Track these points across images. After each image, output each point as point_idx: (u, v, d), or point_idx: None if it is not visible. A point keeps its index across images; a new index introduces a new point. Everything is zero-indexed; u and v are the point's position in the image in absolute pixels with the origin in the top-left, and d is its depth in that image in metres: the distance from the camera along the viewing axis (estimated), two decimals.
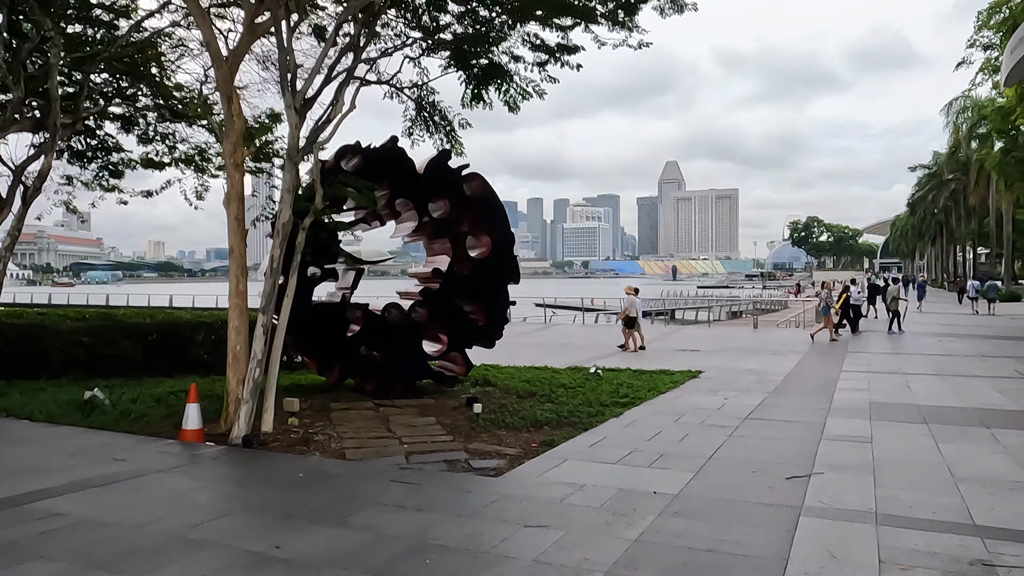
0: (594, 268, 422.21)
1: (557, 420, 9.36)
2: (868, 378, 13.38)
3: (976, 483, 6.21)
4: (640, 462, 7.09)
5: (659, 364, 15.49)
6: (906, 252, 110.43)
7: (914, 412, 9.73)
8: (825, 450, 7.50)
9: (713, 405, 10.42)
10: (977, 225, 57.63)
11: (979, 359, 16.56)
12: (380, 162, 11.17)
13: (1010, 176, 31.02)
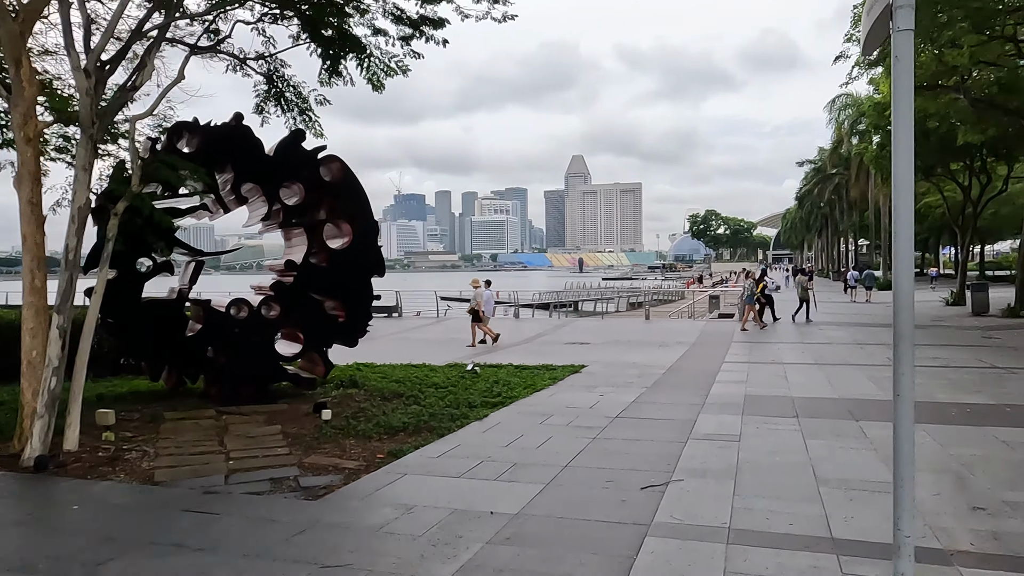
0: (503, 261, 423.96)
1: (416, 425, 8.52)
2: (748, 369, 13.20)
3: (839, 486, 5.79)
4: (488, 474, 6.33)
5: (545, 358, 14.90)
6: (796, 244, 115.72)
7: (787, 405, 9.44)
8: (690, 452, 6.97)
9: (586, 403, 9.83)
10: (859, 217, 60.57)
11: (856, 347, 16.83)
12: (222, 142, 9.99)
13: (886, 170, 32.24)
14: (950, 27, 17.51)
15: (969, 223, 30.70)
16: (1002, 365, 13.22)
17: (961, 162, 30.39)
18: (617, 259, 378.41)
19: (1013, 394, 10.14)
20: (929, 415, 8.74)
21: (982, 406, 9.27)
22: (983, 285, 25.23)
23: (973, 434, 7.65)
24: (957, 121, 26.52)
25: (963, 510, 5.18)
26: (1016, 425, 8.06)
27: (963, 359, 14.11)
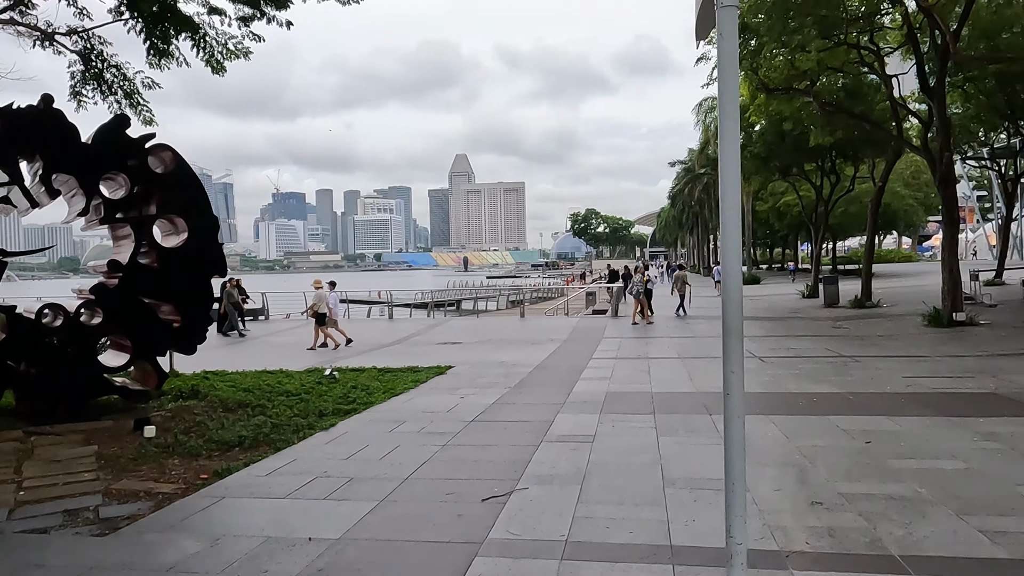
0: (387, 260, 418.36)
1: (253, 439, 7.78)
2: (613, 365, 13.19)
3: (685, 486, 5.61)
4: (318, 492, 5.74)
5: (413, 360, 14.34)
6: (670, 241, 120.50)
7: (645, 401, 9.36)
8: (541, 456, 6.66)
9: (445, 406, 9.38)
10: None
11: (718, 340, 17.26)
12: (28, 127, 8.81)
13: (747, 170, 33.89)
14: (799, 32, 18.34)
15: (821, 220, 32.65)
16: (848, 353, 13.88)
17: (814, 163, 32.27)
18: (502, 257, 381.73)
19: (856, 382, 10.55)
20: (779, 406, 8.88)
21: (828, 395, 9.54)
22: (833, 278, 26.83)
23: (818, 424, 7.78)
24: (809, 124, 28.09)
25: (802, 506, 5.11)
26: (857, 413, 8.28)
27: (814, 349, 14.74)
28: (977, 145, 31.55)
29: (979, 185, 72.92)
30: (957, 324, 17.71)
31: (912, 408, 8.47)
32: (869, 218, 25.58)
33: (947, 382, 10.30)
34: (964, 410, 8.28)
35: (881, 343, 15.64)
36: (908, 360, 12.82)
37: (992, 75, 24.75)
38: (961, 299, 18.11)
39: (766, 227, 64.49)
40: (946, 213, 18.44)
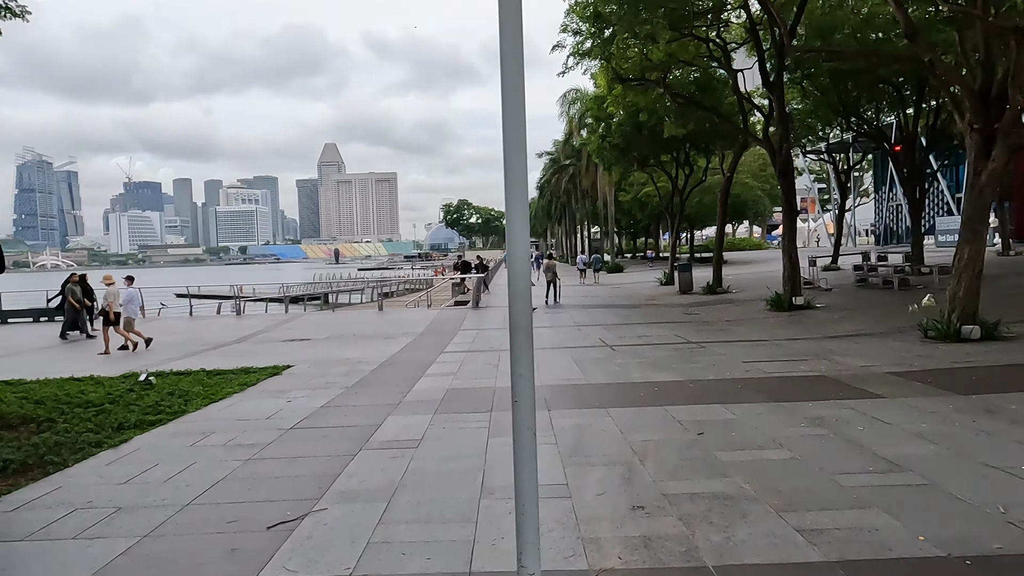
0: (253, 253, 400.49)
1: (23, 463, 6.58)
2: (463, 359, 12.66)
3: (504, 495, 5.11)
4: (69, 530, 4.77)
5: (251, 360, 13.18)
6: (541, 232, 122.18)
7: (486, 398, 8.86)
8: (354, 468, 5.96)
9: (266, 412, 8.46)
10: (591, 206, 64.94)
11: (573, 329, 17.20)
12: None
13: (607, 160, 34.53)
14: (649, 23, 18.51)
15: (677, 210, 33.75)
16: (695, 340, 14.07)
17: (670, 154, 33.26)
18: (375, 249, 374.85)
19: (698, 369, 10.55)
20: (621, 397, 8.64)
21: (670, 384, 9.43)
22: (687, 266, 27.73)
23: (655, 416, 7.54)
24: (664, 116, 28.78)
25: (623, 512, 4.72)
26: (695, 402, 8.15)
27: (663, 336, 14.87)
28: (815, 139, 33.61)
29: (819, 178, 78.71)
30: (796, 308, 18.55)
31: (747, 394, 8.46)
32: (718, 208, 26.55)
33: (782, 366, 10.49)
34: (795, 394, 8.34)
35: (727, 328, 16.05)
36: (749, 345, 13.11)
37: (827, 72, 26.26)
38: (800, 284, 19.00)
39: (630, 217, 66.41)
40: (785, 203, 19.27)
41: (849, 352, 11.53)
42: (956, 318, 12.01)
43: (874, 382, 8.87)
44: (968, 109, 12.09)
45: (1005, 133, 11.67)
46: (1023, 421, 6.58)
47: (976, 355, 10.46)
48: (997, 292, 18.65)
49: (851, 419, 6.99)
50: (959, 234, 12.43)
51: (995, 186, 12.02)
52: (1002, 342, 11.45)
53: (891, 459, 5.58)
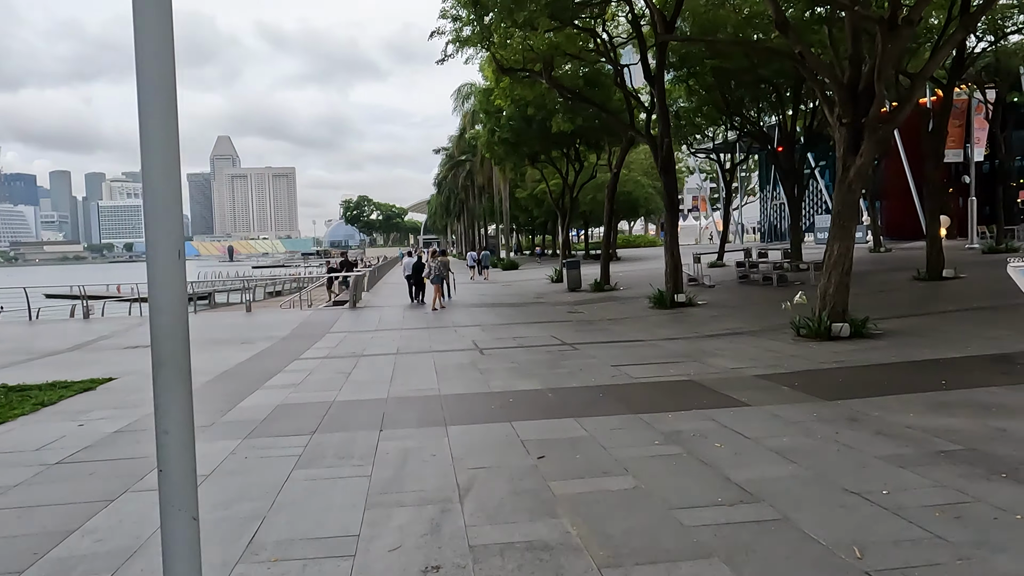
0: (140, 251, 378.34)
1: None
2: (316, 367, 11.43)
3: (276, 551, 4.03)
4: None
5: (76, 371, 11.48)
6: (441, 228, 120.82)
7: (315, 416, 7.72)
8: (101, 520, 4.73)
9: (43, 440, 7.02)
10: (488, 202, 64.24)
11: (451, 330, 16.21)
12: None
13: (497, 155, 33.75)
14: (527, 11, 17.74)
15: (568, 207, 33.35)
16: (570, 341, 13.36)
17: (560, 150, 32.80)
18: (273, 246, 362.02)
19: (564, 375, 9.78)
20: (468, 412, 7.70)
21: (528, 394, 8.58)
22: (575, 263, 27.28)
23: (498, 435, 6.64)
24: (552, 110, 28.25)
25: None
26: (548, 415, 7.31)
27: (539, 337, 14.11)
28: (702, 138, 34.02)
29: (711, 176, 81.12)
30: (678, 306, 18.27)
31: (607, 405, 7.70)
32: (606, 204, 26.23)
33: (652, 370, 9.86)
34: (658, 404, 7.66)
35: (607, 328, 15.48)
36: (624, 346, 12.50)
37: (711, 71, 26.40)
38: (682, 281, 18.73)
39: (528, 213, 66.09)
40: (667, 199, 18.98)
41: (722, 352, 11.07)
42: (827, 316, 11.78)
43: (741, 387, 8.32)
44: (837, 103, 11.88)
45: (872, 128, 11.51)
46: (886, 432, 6.07)
47: (844, 354, 10.17)
48: (868, 288, 19.02)
49: (710, 433, 6.31)
50: (829, 231, 12.24)
51: (863, 181, 11.87)
52: (870, 340, 11.27)
53: (745, 485, 4.87)
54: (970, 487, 4.64)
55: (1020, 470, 4.92)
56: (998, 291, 13.69)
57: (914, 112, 24.87)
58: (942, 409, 6.74)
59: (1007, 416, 6.37)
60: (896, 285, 19.11)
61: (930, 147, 19.32)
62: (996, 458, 5.21)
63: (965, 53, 19.15)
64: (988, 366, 8.69)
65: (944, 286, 17.92)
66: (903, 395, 7.41)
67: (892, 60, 11.48)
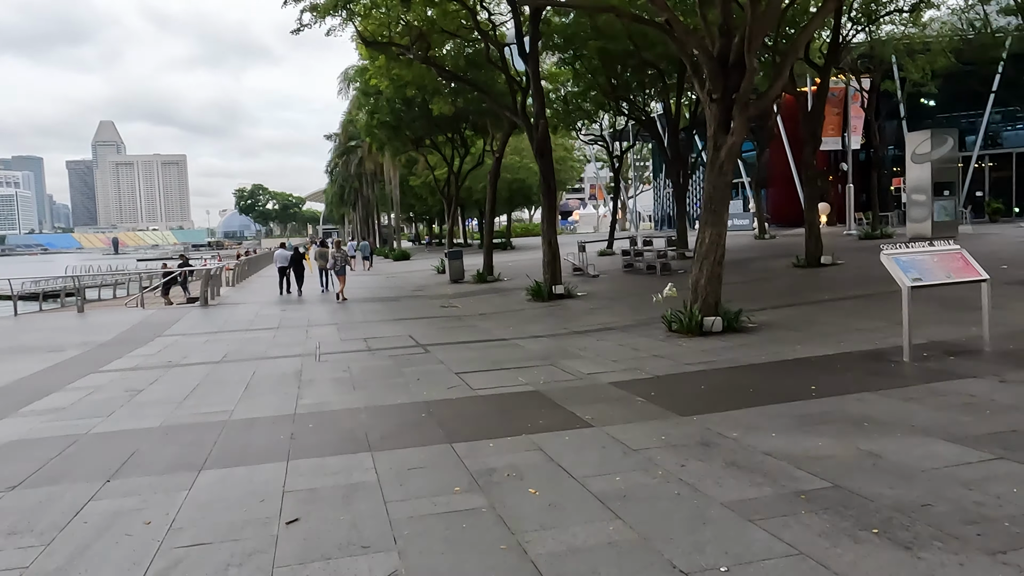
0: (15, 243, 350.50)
1: None
2: (109, 381, 9.48)
3: None
4: None
5: None
6: (337, 219, 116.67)
7: (36, 460, 5.91)
8: None
9: None
10: (381, 190, 61.83)
11: (301, 330, 14.43)
12: None
13: (378, 139, 31.81)
14: None
15: (454, 194, 31.85)
16: (425, 341, 11.90)
17: (445, 134, 31.22)
18: (163, 238, 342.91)
19: (395, 387, 8.31)
20: (244, 448, 6.09)
21: (337, 415, 7.06)
22: (457, 253, 25.82)
23: (256, 483, 5.09)
24: (434, 91, 26.62)
25: None
26: (341, 450, 5.81)
27: (394, 337, 12.59)
28: (589, 123, 33.19)
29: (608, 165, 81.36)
30: (556, 297, 17.15)
31: (422, 431, 6.28)
32: (488, 191, 24.89)
33: (499, 377, 8.53)
34: (484, 427, 6.30)
35: (474, 324, 14.13)
36: (482, 347, 11.15)
37: (596, 53, 25.42)
38: (560, 272, 17.60)
39: (423, 202, 64.02)
40: (543, 183, 17.77)
41: (585, 353, 9.88)
42: (698, 309, 10.80)
43: (590, 399, 7.09)
44: (707, 77, 10.88)
45: (743, 104, 10.56)
46: (741, 462, 4.92)
47: (714, 353, 9.15)
48: (748, 276, 18.48)
49: (530, 471, 4.98)
50: (700, 217, 11.25)
51: (735, 161, 10.94)
52: (743, 334, 10.35)
53: (542, 567, 3.53)
54: (833, 555, 3.47)
55: (894, 522, 3.80)
56: (873, 277, 13.17)
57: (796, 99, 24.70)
58: (809, 425, 5.68)
59: (879, 433, 5.36)
60: (776, 272, 18.66)
61: (807, 132, 18.95)
62: (866, 502, 4.10)
63: (840, 37, 18.84)
64: (861, 365, 7.82)
65: (822, 273, 17.54)
66: (768, 406, 6.35)
67: (763, 30, 10.56)
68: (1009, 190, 34.58)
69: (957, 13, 25.26)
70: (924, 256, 8.21)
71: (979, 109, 33.80)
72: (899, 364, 7.71)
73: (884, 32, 27.41)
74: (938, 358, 7.82)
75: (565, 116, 30.73)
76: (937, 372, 7.21)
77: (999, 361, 7.49)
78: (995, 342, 8.13)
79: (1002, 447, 4.88)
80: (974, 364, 7.44)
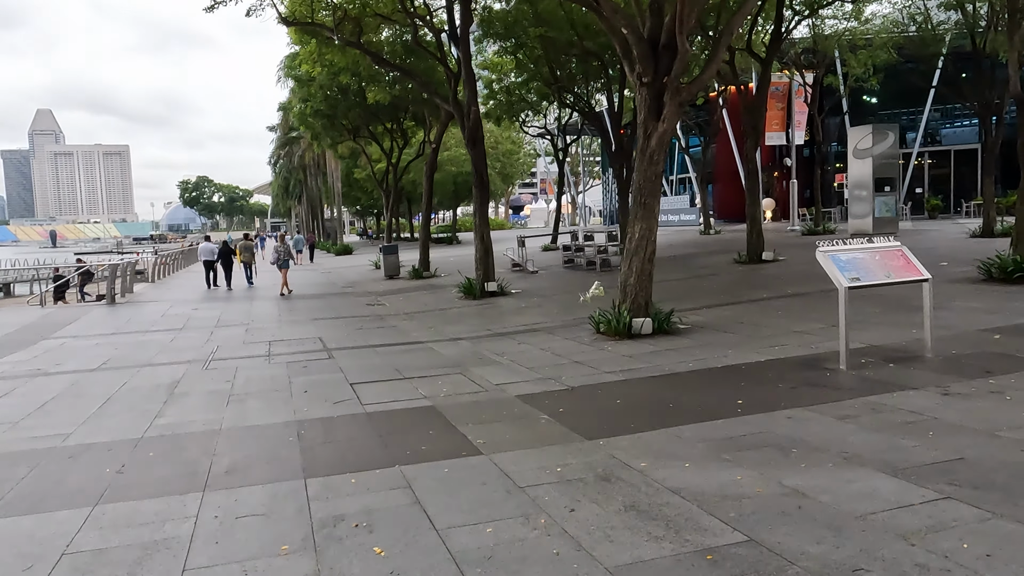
0: None
1: None
2: None
3: None
4: None
5: None
6: (284, 212, 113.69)
7: None
8: None
9: None
10: (324, 183, 59.97)
11: (206, 331, 13.20)
12: None
13: (313, 129, 30.39)
14: None
15: (392, 186, 30.63)
16: (334, 345, 10.85)
17: (382, 124, 29.98)
18: (105, 230, 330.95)
19: (277, 401, 7.27)
20: (67, 487, 5.01)
21: (184, 439, 6.00)
22: (392, 248, 24.66)
23: (52, 531, 4.03)
24: (369, 79, 25.43)
25: None
26: (163, 491, 4.76)
27: (303, 340, 11.50)
28: (533, 115, 32.31)
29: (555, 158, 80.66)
30: (489, 295, 16.24)
31: (280, 462, 5.27)
32: (424, 183, 23.80)
33: (399, 389, 7.56)
34: (356, 454, 5.33)
35: (396, 324, 13.12)
36: (394, 351, 10.15)
37: (536, 40, 24.53)
38: (492, 268, 16.65)
39: (369, 195, 62.33)
40: (475, 175, 16.78)
41: (501, 359, 8.97)
42: (627, 310, 9.98)
43: (490, 417, 6.17)
44: (637, 59, 10.04)
45: (675, 89, 9.76)
46: (642, 504, 4.05)
47: (639, 359, 8.33)
48: (688, 272, 17.84)
49: (384, 522, 4.03)
50: (630, 210, 10.43)
51: (666, 150, 10.13)
52: (673, 337, 9.57)
53: None
54: None
55: None
56: (814, 275, 12.54)
57: (741, 93, 24.13)
58: (730, 452, 4.86)
59: (808, 462, 4.56)
60: (716, 269, 18.04)
61: (749, 125, 18.35)
62: (785, 566, 3.25)
63: (783, 28, 18.27)
64: (794, 374, 7.07)
65: (763, 270, 16.97)
66: (687, 426, 5.52)
67: (694, 9, 9.76)
68: (947, 187, 34.88)
69: (898, 8, 25.07)
70: (863, 254, 7.50)
71: (919, 106, 33.99)
72: (835, 373, 6.99)
73: (827, 26, 27.14)
74: (877, 366, 7.12)
75: (509, 107, 29.78)
76: (876, 383, 6.49)
77: (941, 369, 6.81)
78: (937, 346, 7.47)
79: (948, 481, 4.11)
80: (915, 373, 6.74)
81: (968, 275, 12.71)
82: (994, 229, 19.95)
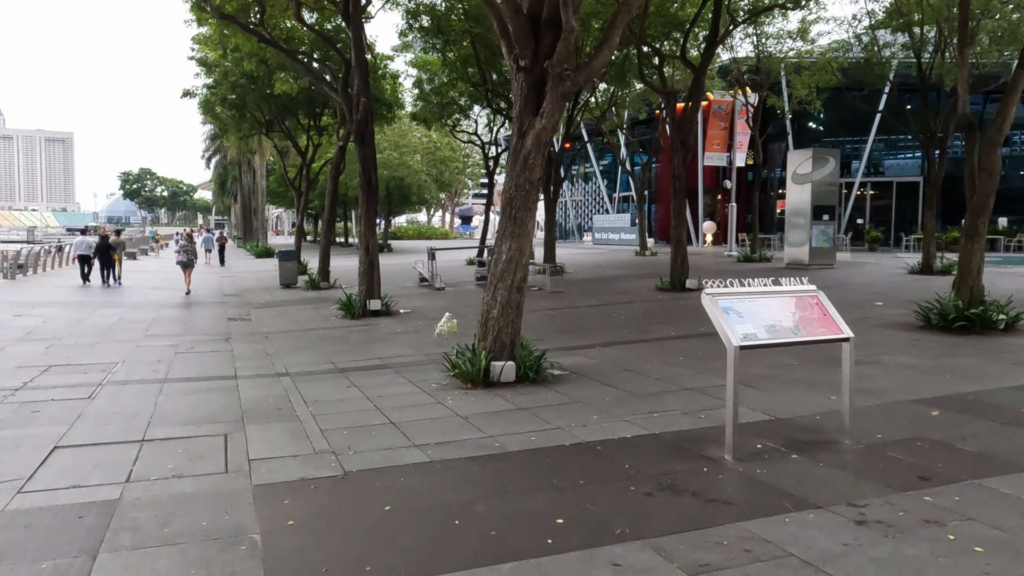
0: None
1: None
2: None
3: None
4: None
5: None
6: (224, 210, 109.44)
7: None
8: None
9: None
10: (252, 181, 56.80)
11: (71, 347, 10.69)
12: None
13: (220, 121, 27.80)
14: None
15: (305, 186, 28.17)
16: (121, 377, 8.49)
17: (295, 118, 27.55)
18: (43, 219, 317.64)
19: None
20: None
21: None
22: (290, 254, 22.19)
23: None
24: (277, 67, 23.07)
25: None
26: None
27: (99, 364, 9.10)
28: (463, 119, 30.26)
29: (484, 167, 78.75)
30: (371, 314, 14.07)
31: None
32: (328, 183, 21.48)
33: (109, 462, 5.30)
34: None
35: (237, 346, 10.83)
36: (190, 388, 7.85)
37: (463, 34, 22.56)
38: (377, 284, 14.43)
39: (320, 195, 59.17)
40: (363, 176, 14.55)
41: (305, 410, 6.77)
42: (485, 350, 7.88)
43: (166, 539, 3.97)
44: (514, 37, 8.01)
45: (558, 76, 7.75)
46: None
47: (475, 422, 6.23)
48: (603, 298, 15.87)
49: None
50: (498, 225, 8.35)
51: (545, 151, 8.09)
52: (538, 388, 7.51)
53: None
54: None
55: None
56: None
57: None
58: None
59: None
60: (635, 295, 16.14)
61: (677, 139, 16.55)
62: None
63: (720, 29, 16.52)
64: (661, 466, 5.05)
65: (683, 299, 15.11)
66: (469, 572, 3.41)
67: None
68: (888, 219, 33.96)
69: (844, 27, 23.85)
70: (766, 300, 5.52)
71: (864, 135, 33.04)
72: (716, 466, 4.98)
73: (772, 44, 25.82)
74: (775, 457, 5.15)
75: (440, 109, 27.58)
76: (766, 491, 4.49)
77: (860, 468, 4.87)
78: (859, 424, 5.57)
79: None
80: (824, 475, 4.78)
81: (904, 320, 11.02)
82: (933, 266, 18.58)
